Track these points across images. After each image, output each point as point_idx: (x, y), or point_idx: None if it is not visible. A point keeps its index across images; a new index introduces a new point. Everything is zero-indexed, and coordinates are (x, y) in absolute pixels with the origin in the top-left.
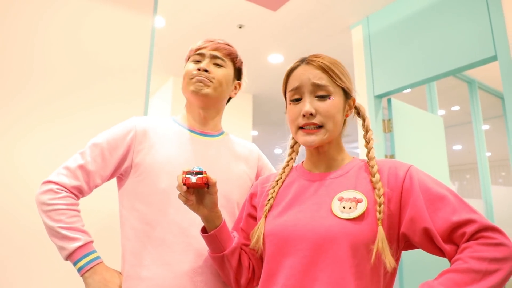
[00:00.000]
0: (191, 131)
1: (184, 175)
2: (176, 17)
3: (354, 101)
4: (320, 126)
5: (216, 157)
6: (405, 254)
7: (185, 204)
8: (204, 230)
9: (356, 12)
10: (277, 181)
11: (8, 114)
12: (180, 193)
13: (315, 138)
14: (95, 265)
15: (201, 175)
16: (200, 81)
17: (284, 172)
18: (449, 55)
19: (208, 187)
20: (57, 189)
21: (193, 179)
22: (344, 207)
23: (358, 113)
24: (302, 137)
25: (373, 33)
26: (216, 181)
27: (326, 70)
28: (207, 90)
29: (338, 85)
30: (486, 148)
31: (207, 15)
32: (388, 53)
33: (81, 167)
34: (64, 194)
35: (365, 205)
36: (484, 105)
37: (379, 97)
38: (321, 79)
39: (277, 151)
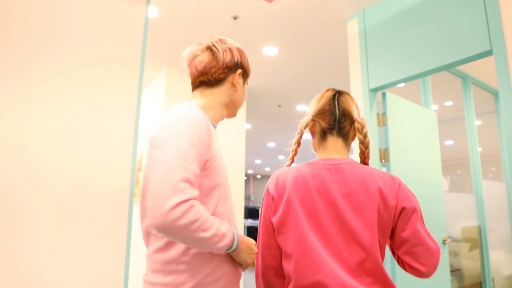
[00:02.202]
0: (214, 126)
1: None
2: (169, 7)
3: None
4: None
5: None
6: None
7: None
8: None
9: (351, 5)
10: None
11: (13, 88)
12: None
13: None
14: (239, 239)
15: None
16: None
17: None
18: (445, 49)
19: None
20: (189, 203)
21: None
22: None
23: None
24: None
25: (368, 26)
26: None
27: None
28: None
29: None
30: (478, 144)
31: (201, 5)
32: (383, 46)
33: (195, 174)
34: (194, 202)
35: None
36: (476, 100)
37: (374, 90)
38: None
39: (270, 144)
